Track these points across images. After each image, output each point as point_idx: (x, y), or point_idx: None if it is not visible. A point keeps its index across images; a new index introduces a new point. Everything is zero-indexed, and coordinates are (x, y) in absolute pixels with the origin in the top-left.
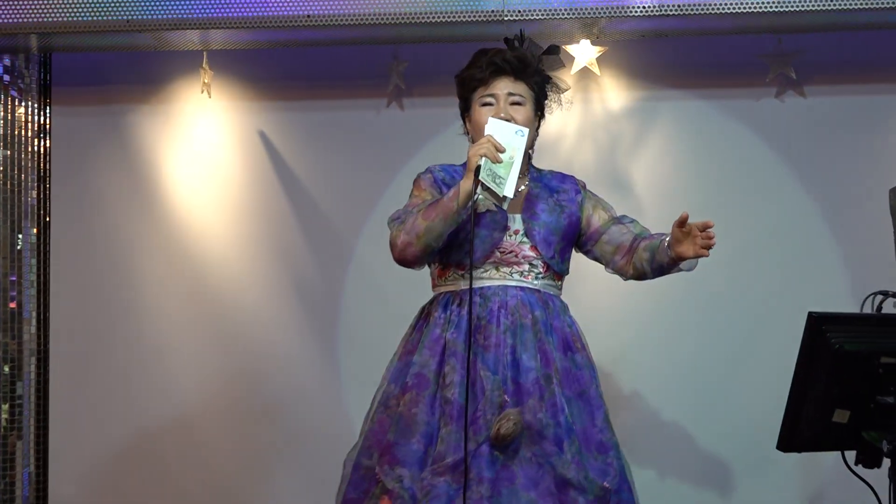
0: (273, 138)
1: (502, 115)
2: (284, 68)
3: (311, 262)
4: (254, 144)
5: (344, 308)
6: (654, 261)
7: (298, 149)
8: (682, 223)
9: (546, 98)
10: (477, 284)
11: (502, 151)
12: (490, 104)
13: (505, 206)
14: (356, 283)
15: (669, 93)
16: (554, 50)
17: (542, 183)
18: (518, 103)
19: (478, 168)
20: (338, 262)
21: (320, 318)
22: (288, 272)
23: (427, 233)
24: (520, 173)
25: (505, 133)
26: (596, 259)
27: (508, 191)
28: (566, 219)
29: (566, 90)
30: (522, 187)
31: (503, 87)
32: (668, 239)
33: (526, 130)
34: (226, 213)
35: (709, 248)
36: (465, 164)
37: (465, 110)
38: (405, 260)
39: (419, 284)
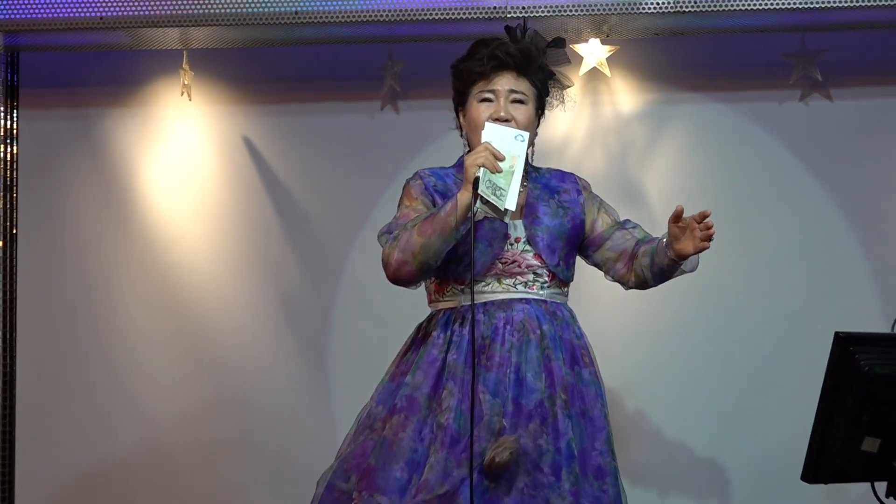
0: (258, 144)
1: (502, 113)
2: (270, 69)
3: (300, 277)
4: (237, 151)
5: (334, 327)
6: (654, 265)
7: (285, 156)
8: (677, 218)
9: (548, 95)
10: (479, 299)
11: (501, 160)
12: (489, 100)
13: (507, 220)
14: (348, 300)
15: (685, 95)
16: (559, 43)
17: (541, 183)
18: (520, 101)
19: (476, 180)
20: (328, 276)
21: (309, 338)
22: (274, 288)
23: (424, 251)
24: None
25: (504, 139)
26: (596, 265)
27: (510, 203)
28: (569, 221)
29: (569, 87)
30: (520, 190)
31: (505, 83)
32: (665, 239)
33: (526, 135)
34: (207, 224)
35: (709, 238)
36: (457, 166)
37: (461, 104)
38: (400, 279)
39: (416, 301)
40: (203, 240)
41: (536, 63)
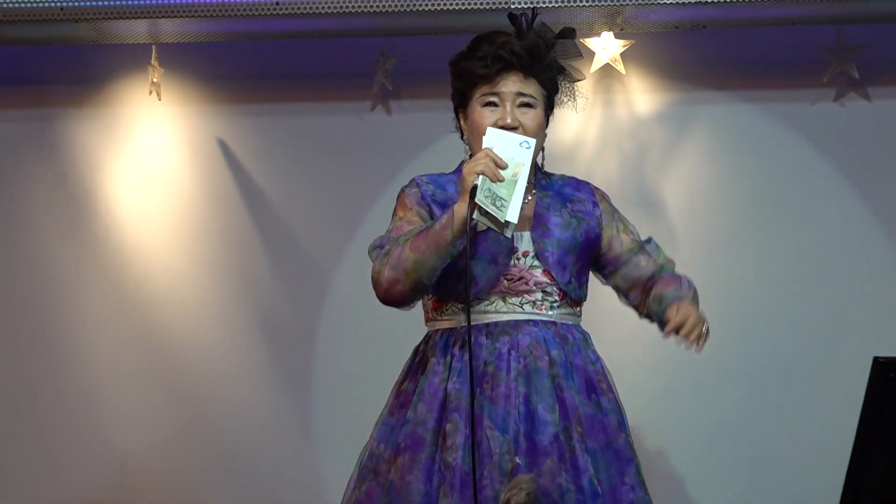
0: (235, 148)
1: (508, 120)
2: (248, 66)
3: (281, 295)
4: (212, 155)
5: (319, 349)
6: (657, 319)
7: (265, 161)
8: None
9: (557, 92)
10: (482, 320)
11: (504, 168)
12: (494, 104)
13: (508, 234)
14: (334, 321)
15: (708, 94)
16: (569, 34)
17: (552, 191)
18: (528, 105)
19: (474, 189)
20: (312, 294)
21: (290, 362)
22: (252, 307)
23: (417, 268)
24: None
25: (507, 145)
26: (612, 287)
27: (512, 215)
28: (583, 234)
29: (580, 80)
30: (528, 198)
31: (511, 85)
32: (666, 311)
33: (533, 142)
34: (178, 236)
35: (700, 340)
36: (458, 172)
37: (461, 105)
38: (392, 300)
39: (411, 321)
40: (173, 254)
41: (545, 60)
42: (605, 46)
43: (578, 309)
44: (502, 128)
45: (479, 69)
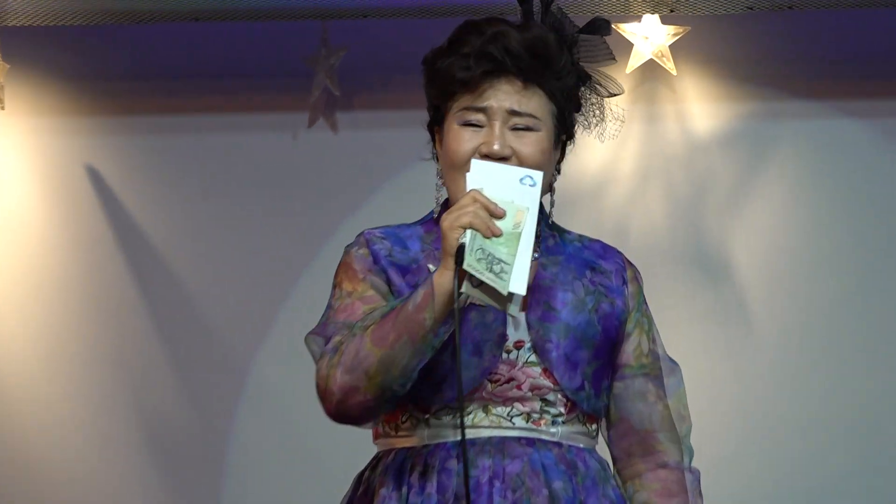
0: (109, 178)
1: (496, 147)
2: (131, 60)
3: (175, 390)
4: (76, 186)
5: (230, 466)
6: None
7: (153, 197)
8: None
9: (579, 110)
10: (449, 437)
11: (500, 216)
12: (476, 125)
13: (514, 312)
14: (251, 428)
15: (795, 105)
16: (600, 27)
17: (565, 253)
18: (527, 128)
19: (460, 250)
20: (221, 390)
21: (191, 485)
22: (134, 405)
23: (383, 369)
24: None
25: (502, 183)
26: None
27: (517, 283)
28: (602, 319)
29: (616, 94)
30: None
31: (502, 98)
32: None
33: (539, 175)
34: (25, 301)
35: None
36: (427, 223)
37: (437, 122)
38: (347, 414)
39: (354, 433)
40: (19, 327)
41: (557, 63)
42: (649, 35)
43: (594, 427)
44: (486, 156)
45: (458, 72)
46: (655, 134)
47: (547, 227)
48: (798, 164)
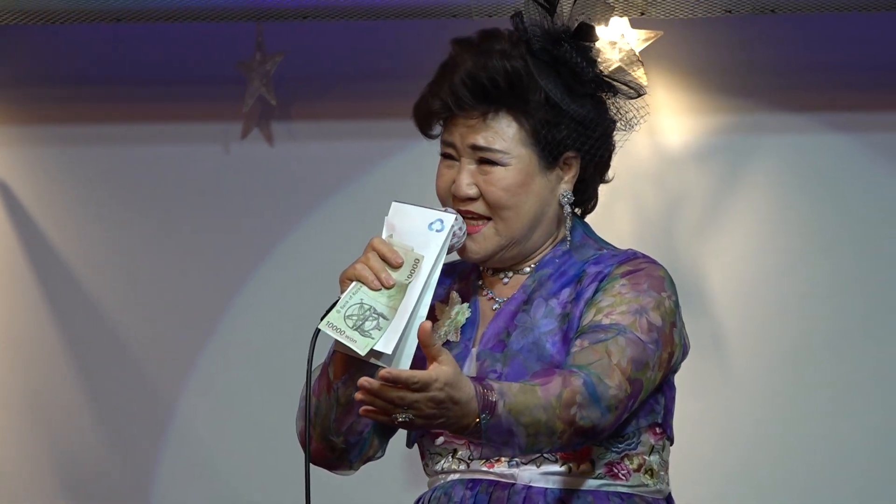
0: (20, 192)
1: (463, 186)
2: (44, 65)
3: (93, 424)
4: None
5: None
6: None
7: (69, 214)
8: None
9: (594, 125)
10: (451, 478)
11: (396, 266)
12: (452, 157)
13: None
14: (177, 469)
15: (776, 118)
16: (586, 32)
17: (551, 268)
18: (492, 163)
19: (335, 303)
20: (144, 423)
21: None
22: (48, 447)
23: (318, 418)
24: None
25: (413, 227)
26: None
27: (384, 343)
28: (556, 344)
29: (641, 93)
30: (507, 280)
31: (464, 133)
32: None
33: (450, 219)
34: None
35: None
36: None
37: None
38: (317, 461)
39: (278, 469)
40: None
41: (520, 88)
42: (617, 40)
43: (584, 465)
44: (455, 197)
45: (429, 105)
46: (624, 148)
47: (569, 244)
48: (778, 181)
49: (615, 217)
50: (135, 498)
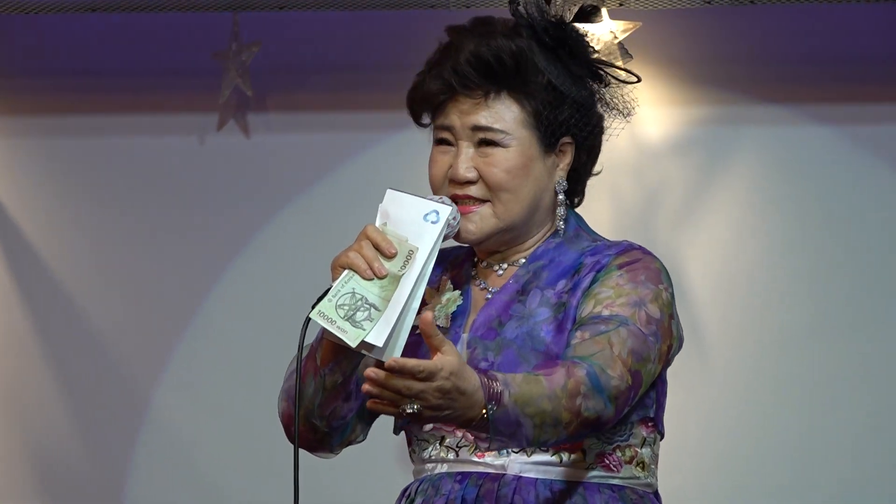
0: None
1: (460, 169)
2: (17, 55)
3: (68, 422)
4: None
5: None
6: None
7: (41, 206)
8: None
9: (591, 111)
10: (438, 470)
11: (389, 256)
12: (447, 143)
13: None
14: (153, 464)
15: (757, 110)
16: (591, 13)
17: (544, 259)
18: (493, 143)
19: (325, 293)
20: (119, 420)
21: None
22: (19, 437)
23: (303, 399)
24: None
25: (408, 216)
26: None
27: (376, 335)
28: (551, 332)
29: (634, 81)
30: (501, 272)
31: (464, 113)
32: None
33: (446, 211)
34: None
35: None
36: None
37: None
38: (295, 441)
39: (257, 464)
40: None
41: (523, 69)
42: (595, 31)
43: (576, 456)
44: (453, 182)
45: (426, 89)
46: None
47: (561, 236)
48: (758, 173)
49: (593, 208)
50: (109, 495)
